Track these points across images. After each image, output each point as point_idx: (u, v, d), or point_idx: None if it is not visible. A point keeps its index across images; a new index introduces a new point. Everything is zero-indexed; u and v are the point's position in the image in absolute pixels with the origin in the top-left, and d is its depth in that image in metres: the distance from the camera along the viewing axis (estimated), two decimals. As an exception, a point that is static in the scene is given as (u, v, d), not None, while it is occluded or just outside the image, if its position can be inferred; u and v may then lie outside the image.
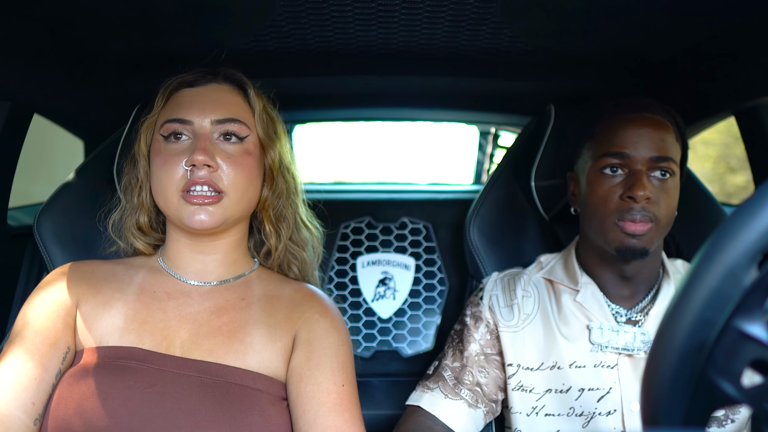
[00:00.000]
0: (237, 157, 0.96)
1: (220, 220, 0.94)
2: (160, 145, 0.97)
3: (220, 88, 1.01)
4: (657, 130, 1.05)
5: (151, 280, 1.00)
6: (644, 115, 1.07)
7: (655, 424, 0.48)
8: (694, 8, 1.07)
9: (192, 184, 0.92)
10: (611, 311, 1.08)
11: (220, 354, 0.92)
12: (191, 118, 0.96)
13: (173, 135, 0.96)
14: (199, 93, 0.99)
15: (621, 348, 1.05)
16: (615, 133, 1.06)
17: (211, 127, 0.96)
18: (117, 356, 0.89)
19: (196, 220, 0.92)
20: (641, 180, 1.01)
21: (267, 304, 1.00)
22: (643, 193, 1.00)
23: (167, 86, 1.01)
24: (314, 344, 0.95)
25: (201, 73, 1.02)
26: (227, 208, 0.95)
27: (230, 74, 1.03)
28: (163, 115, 0.99)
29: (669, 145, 1.05)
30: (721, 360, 0.46)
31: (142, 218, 1.03)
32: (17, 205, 1.51)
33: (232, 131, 0.97)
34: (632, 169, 1.04)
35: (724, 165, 5.86)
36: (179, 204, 0.93)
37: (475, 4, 1.06)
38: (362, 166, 6.80)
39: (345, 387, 0.93)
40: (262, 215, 1.05)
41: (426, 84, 1.50)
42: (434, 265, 1.68)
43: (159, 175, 0.95)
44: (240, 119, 0.98)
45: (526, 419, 1.07)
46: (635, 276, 1.08)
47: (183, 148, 0.95)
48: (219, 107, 0.97)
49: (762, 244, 0.44)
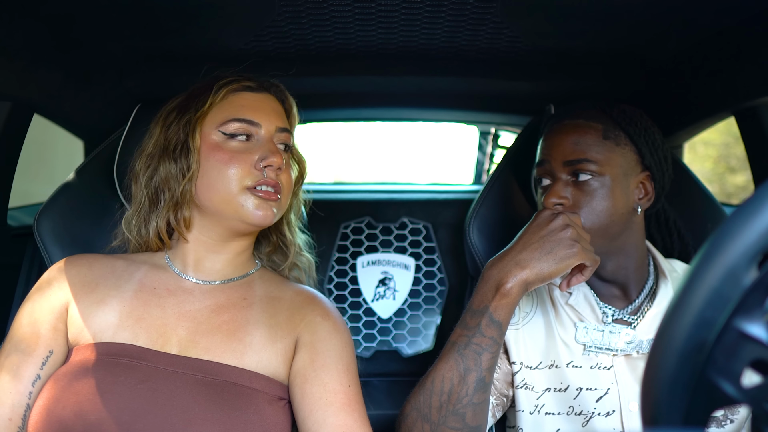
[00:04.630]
0: (288, 164, 1.03)
1: (275, 218, 0.99)
2: (219, 141, 0.98)
3: (272, 98, 1.06)
4: (571, 134, 1.06)
5: (152, 277, 0.99)
6: (564, 122, 1.09)
7: (655, 424, 0.48)
8: (694, 8, 1.07)
9: (262, 183, 0.96)
10: (600, 311, 1.09)
11: (217, 352, 0.92)
12: (260, 121, 1.00)
13: (241, 135, 0.99)
14: (261, 99, 1.03)
15: (605, 348, 1.05)
16: (541, 144, 1.11)
17: (275, 133, 1.01)
18: (109, 353, 0.89)
19: (260, 214, 0.96)
20: (553, 187, 1.05)
21: (268, 305, 1.00)
22: (552, 200, 1.03)
23: (225, 84, 1.02)
24: (318, 346, 0.95)
25: (259, 81, 1.06)
26: (280, 209, 1.00)
27: (280, 90, 1.09)
28: (222, 112, 1.00)
29: (585, 146, 1.05)
30: (721, 360, 0.46)
31: (186, 212, 1.00)
32: (17, 205, 1.51)
33: (287, 141, 1.04)
34: (553, 175, 1.07)
35: (724, 165, 5.87)
36: (244, 199, 0.96)
37: (475, 4, 1.06)
38: (362, 166, 6.81)
39: (351, 388, 0.93)
40: (282, 222, 1.10)
41: (426, 84, 1.50)
42: (434, 265, 1.68)
43: (222, 170, 0.96)
44: (291, 131, 1.06)
45: (529, 417, 1.08)
46: (618, 275, 1.08)
47: (249, 147, 0.98)
48: (279, 117, 1.03)
49: (762, 244, 0.44)
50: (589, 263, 0.95)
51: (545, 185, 1.09)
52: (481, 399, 0.94)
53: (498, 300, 0.93)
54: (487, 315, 0.94)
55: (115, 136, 1.22)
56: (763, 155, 1.32)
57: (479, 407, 0.94)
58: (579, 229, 0.97)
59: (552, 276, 0.94)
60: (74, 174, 1.19)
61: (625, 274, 1.09)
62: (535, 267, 0.94)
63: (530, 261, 0.94)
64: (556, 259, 0.94)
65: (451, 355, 0.94)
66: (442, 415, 0.93)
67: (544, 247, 0.94)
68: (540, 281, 0.94)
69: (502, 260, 0.97)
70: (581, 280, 0.98)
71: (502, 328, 0.94)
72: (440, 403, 0.93)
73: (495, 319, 0.94)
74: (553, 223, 0.96)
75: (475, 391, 0.93)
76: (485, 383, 0.94)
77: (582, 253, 0.94)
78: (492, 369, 0.95)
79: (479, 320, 0.94)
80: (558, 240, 0.94)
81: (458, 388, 0.92)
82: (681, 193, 1.31)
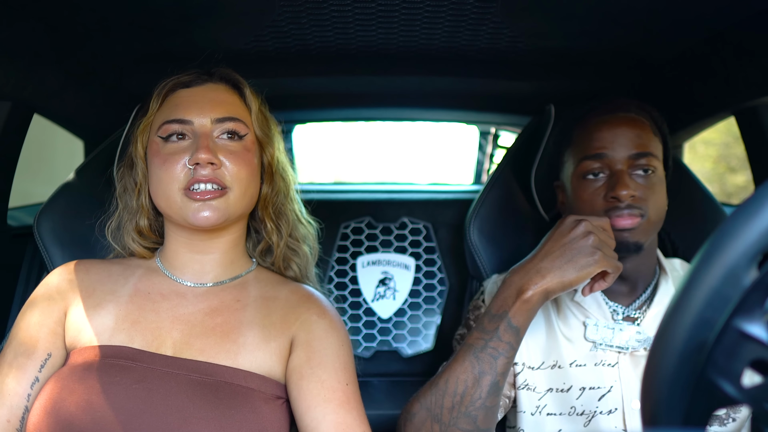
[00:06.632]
0: (239, 153, 0.97)
1: (224, 215, 0.94)
2: (159, 146, 0.97)
3: (216, 87, 1.02)
4: (632, 127, 1.06)
5: (146, 281, 1.00)
6: (618, 114, 1.08)
7: (655, 424, 0.48)
8: (694, 8, 1.07)
9: (195, 182, 0.92)
10: (609, 309, 1.09)
11: (211, 354, 0.93)
12: (191, 117, 0.96)
13: (174, 135, 0.96)
14: (196, 93, 1.00)
15: (616, 346, 1.05)
16: (591, 135, 1.07)
17: (211, 125, 0.96)
18: (106, 355, 0.90)
19: (201, 216, 0.93)
20: (623, 179, 1.02)
21: (262, 306, 1.00)
22: (627, 192, 1.01)
23: (162, 88, 1.01)
24: (314, 345, 0.95)
25: (196, 73, 1.02)
26: (231, 203, 0.95)
27: (226, 74, 1.03)
28: (160, 116, 0.99)
29: (647, 140, 1.05)
30: (721, 360, 0.46)
31: (143, 221, 1.03)
32: (17, 205, 1.51)
33: (232, 129, 0.97)
34: (613, 169, 1.04)
35: (724, 165, 5.87)
36: (183, 202, 0.94)
37: (475, 4, 1.06)
38: (362, 166, 6.81)
39: (349, 386, 0.93)
40: (262, 213, 1.06)
41: (426, 84, 1.50)
42: (434, 265, 1.68)
43: (159, 175, 0.95)
44: (239, 117, 0.99)
45: (530, 418, 1.08)
46: (633, 273, 1.08)
47: (183, 148, 0.95)
48: (218, 106, 0.98)
49: (762, 244, 0.44)
50: (611, 270, 0.94)
51: (593, 179, 1.06)
52: (494, 402, 0.94)
53: (518, 306, 0.93)
54: (506, 320, 0.94)
55: (115, 136, 1.22)
56: (763, 155, 1.32)
57: (491, 410, 0.94)
58: (603, 235, 0.96)
59: (573, 284, 0.94)
60: (74, 174, 1.19)
61: (640, 271, 1.09)
62: (556, 276, 0.93)
63: (551, 270, 0.93)
64: (576, 267, 0.93)
65: (467, 357, 0.94)
66: (453, 416, 0.93)
67: (565, 256, 0.94)
68: (561, 289, 0.94)
69: (524, 267, 0.96)
70: (603, 286, 0.97)
71: (519, 334, 0.94)
72: (452, 404, 0.93)
73: (513, 325, 0.94)
74: (576, 231, 0.95)
75: (489, 394, 0.93)
76: (498, 387, 0.94)
77: (603, 261, 0.93)
78: (506, 374, 0.95)
79: (497, 324, 0.94)
80: (579, 248, 0.93)
81: (472, 390, 0.93)
82: (681, 193, 1.31)
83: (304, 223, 1.13)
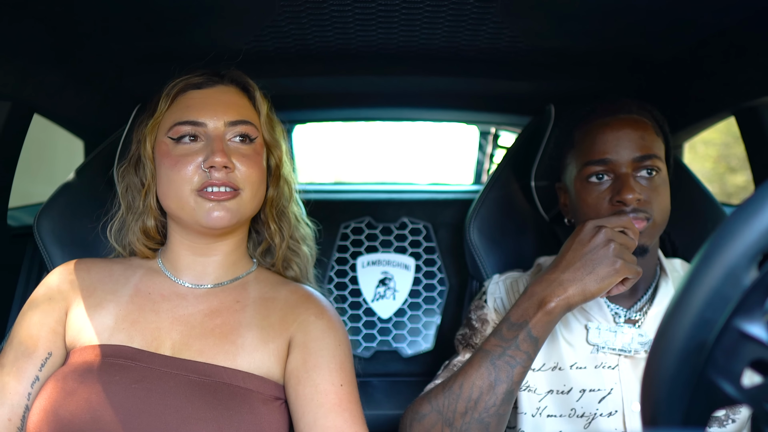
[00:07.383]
0: (250, 156, 0.97)
1: (236, 216, 0.95)
2: (169, 147, 0.96)
3: (227, 90, 1.02)
4: (635, 129, 1.04)
5: (147, 282, 1.00)
6: (620, 116, 1.07)
7: (655, 424, 0.48)
8: (694, 8, 1.07)
9: (209, 185, 0.93)
10: (611, 311, 1.08)
11: (210, 354, 0.93)
12: (204, 119, 0.96)
13: (186, 137, 0.96)
14: (208, 95, 0.99)
15: (618, 349, 1.05)
16: (594, 139, 1.06)
17: (224, 128, 0.97)
18: (105, 354, 0.90)
19: (214, 217, 0.93)
20: (628, 183, 1.01)
21: (262, 307, 1.00)
22: (633, 196, 1.00)
23: (171, 88, 1.00)
24: (310, 346, 0.95)
25: (206, 74, 1.02)
26: (242, 205, 0.96)
27: (236, 76, 1.04)
28: (170, 117, 0.98)
29: (650, 142, 1.04)
30: (721, 360, 0.46)
31: (150, 222, 1.03)
32: (17, 205, 1.51)
33: (244, 132, 0.98)
34: (617, 173, 1.03)
35: (724, 165, 5.87)
36: (196, 203, 0.94)
37: (475, 4, 1.06)
38: (362, 166, 6.81)
39: (344, 387, 0.93)
40: (266, 215, 1.06)
41: (426, 84, 1.50)
42: (434, 265, 1.68)
43: (170, 176, 0.95)
44: (250, 121, 0.99)
45: (531, 420, 1.07)
46: None
47: (196, 149, 0.95)
48: (230, 109, 0.98)
49: (762, 244, 0.44)
50: (631, 276, 0.94)
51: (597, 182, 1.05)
52: (506, 410, 0.94)
53: (539, 317, 0.93)
54: (526, 330, 0.93)
55: (115, 136, 1.22)
56: (763, 155, 1.32)
57: (503, 418, 0.94)
58: (623, 239, 0.95)
59: (595, 295, 0.93)
60: (74, 174, 1.19)
61: (646, 272, 1.08)
62: (578, 288, 0.93)
63: (573, 281, 0.93)
64: (598, 278, 0.92)
65: (483, 364, 0.94)
66: (465, 421, 0.93)
67: (587, 267, 0.93)
68: (583, 300, 0.93)
69: (546, 278, 0.95)
70: (621, 290, 0.96)
71: (538, 345, 0.94)
72: (466, 408, 0.93)
73: (533, 335, 0.93)
74: (596, 239, 0.94)
75: (503, 402, 0.93)
76: (513, 395, 0.94)
77: (624, 269, 0.92)
78: (520, 383, 0.95)
79: (517, 333, 0.94)
80: (600, 258, 0.93)
81: (486, 396, 0.92)
82: (681, 193, 1.31)
83: (303, 224, 1.13)
